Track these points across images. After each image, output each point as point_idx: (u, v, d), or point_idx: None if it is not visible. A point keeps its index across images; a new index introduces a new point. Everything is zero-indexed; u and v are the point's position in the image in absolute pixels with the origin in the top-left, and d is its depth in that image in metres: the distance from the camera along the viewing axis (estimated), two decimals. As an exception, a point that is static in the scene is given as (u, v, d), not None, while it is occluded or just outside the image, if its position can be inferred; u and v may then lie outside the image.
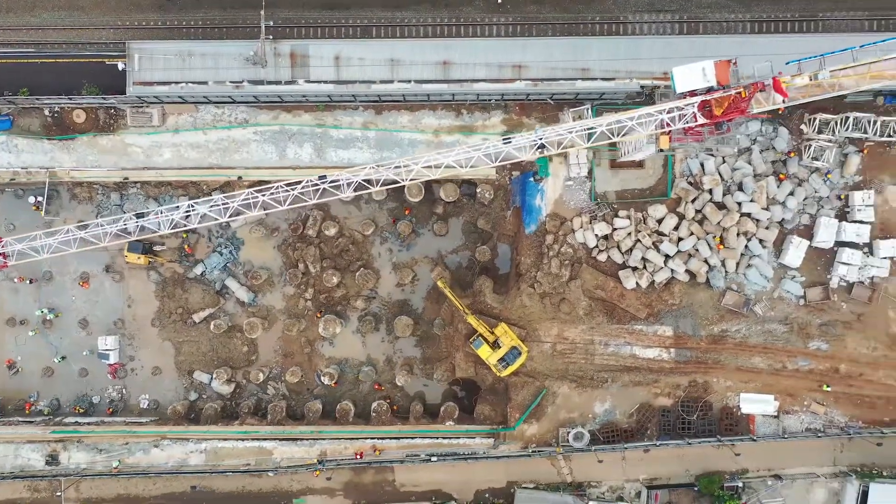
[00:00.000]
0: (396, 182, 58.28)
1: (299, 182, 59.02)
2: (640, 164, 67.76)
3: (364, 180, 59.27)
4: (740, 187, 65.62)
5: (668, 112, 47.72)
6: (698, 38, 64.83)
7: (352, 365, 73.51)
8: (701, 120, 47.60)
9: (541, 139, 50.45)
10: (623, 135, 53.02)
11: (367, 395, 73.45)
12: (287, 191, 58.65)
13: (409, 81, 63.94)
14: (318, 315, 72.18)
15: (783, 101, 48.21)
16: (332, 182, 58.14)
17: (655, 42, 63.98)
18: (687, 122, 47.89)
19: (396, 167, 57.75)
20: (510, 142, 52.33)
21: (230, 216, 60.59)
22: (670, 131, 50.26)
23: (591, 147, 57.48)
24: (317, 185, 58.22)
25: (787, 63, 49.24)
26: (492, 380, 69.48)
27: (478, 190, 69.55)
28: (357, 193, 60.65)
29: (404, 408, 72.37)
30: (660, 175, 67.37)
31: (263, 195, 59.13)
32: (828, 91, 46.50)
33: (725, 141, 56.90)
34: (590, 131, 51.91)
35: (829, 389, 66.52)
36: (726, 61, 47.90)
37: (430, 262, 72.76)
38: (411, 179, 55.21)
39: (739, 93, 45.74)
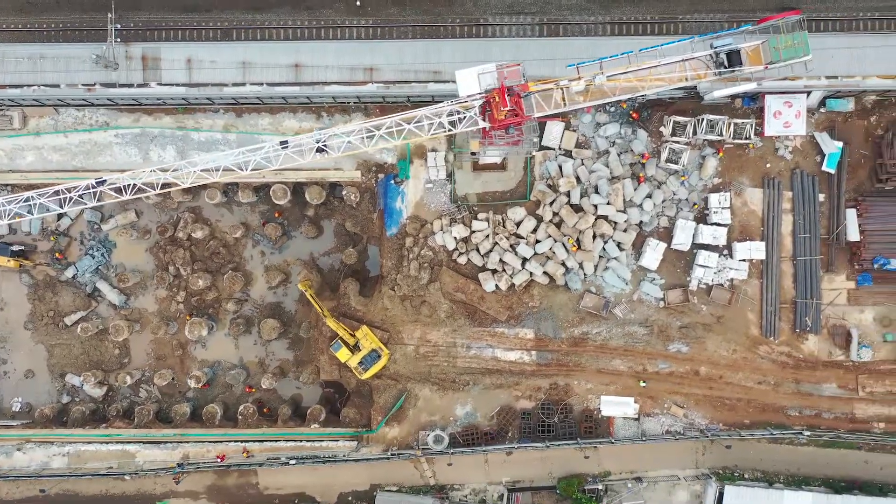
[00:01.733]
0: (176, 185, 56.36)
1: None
2: (502, 166, 67.24)
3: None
4: (597, 190, 65.03)
5: (449, 115, 46.86)
6: (549, 40, 63.54)
7: (224, 367, 72.80)
8: (483, 124, 46.78)
9: (319, 142, 49.56)
10: (403, 138, 50.91)
11: (240, 397, 72.69)
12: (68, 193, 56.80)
13: (262, 84, 63.22)
14: (188, 318, 71.51)
15: (564, 105, 46.59)
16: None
17: (506, 44, 63.16)
18: (471, 126, 47.07)
19: (165, 170, 55.70)
20: (287, 145, 50.67)
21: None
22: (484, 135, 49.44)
23: (383, 147, 54.53)
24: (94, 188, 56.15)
25: (567, 66, 48.59)
26: (356, 383, 68.69)
27: (343, 192, 69.00)
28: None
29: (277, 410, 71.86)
30: (521, 177, 66.79)
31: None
32: (608, 96, 45.77)
33: (522, 147, 56.03)
34: (369, 135, 50.54)
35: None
36: (514, 65, 47.08)
37: (303, 264, 72.17)
38: (192, 183, 53.11)
39: (494, 98, 44.68)
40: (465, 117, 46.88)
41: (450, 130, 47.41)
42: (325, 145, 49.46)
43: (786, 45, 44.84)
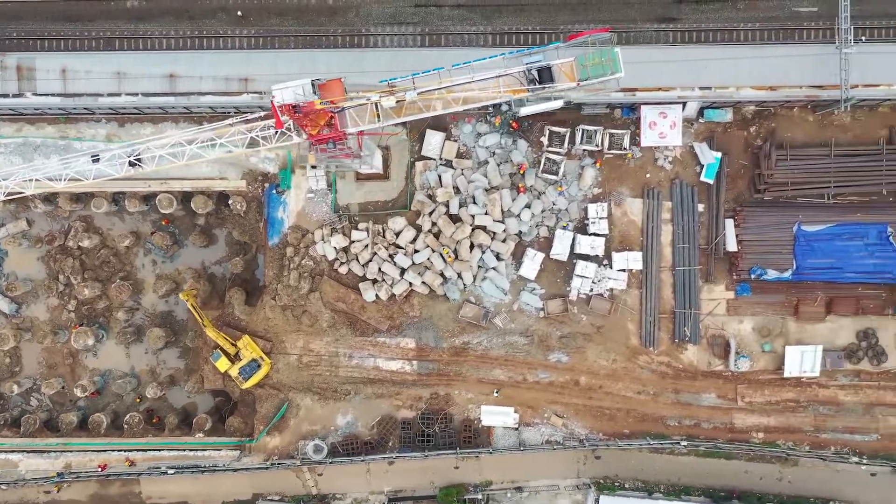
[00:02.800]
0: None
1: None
2: (385, 176, 66.89)
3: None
4: (475, 200, 64.64)
5: (263, 129, 46.21)
6: (429, 50, 63.63)
7: (115, 376, 72.37)
8: (297, 139, 46.20)
9: (131, 157, 48.94)
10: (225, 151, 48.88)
11: (130, 406, 72.34)
12: None
13: (137, 94, 62.92)
14: (75, 328, 71.10)
15: (379, 120, 45.50)
16: None
17: (382, 54, 62.86)
18: (287, 141, 46.39)
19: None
20: (98, 159, 49.24)
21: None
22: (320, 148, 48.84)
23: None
24: None
25: (380, 81, 48.26)
26: (240, 392, 68.35)
27: (230, 202, 68.60)
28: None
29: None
30: (403, 187, 66.47)
31: None
32: (423, 111, 45.26)
33: (359, 159, 55.29)
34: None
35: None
36: (337, 80, 46.64)
37: (193, 273, 71.74)
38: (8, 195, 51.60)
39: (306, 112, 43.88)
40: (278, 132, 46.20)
41: (264, 144, 46.92)
42: (137, 159, 48.69)
43: (594, 63, 44.41)
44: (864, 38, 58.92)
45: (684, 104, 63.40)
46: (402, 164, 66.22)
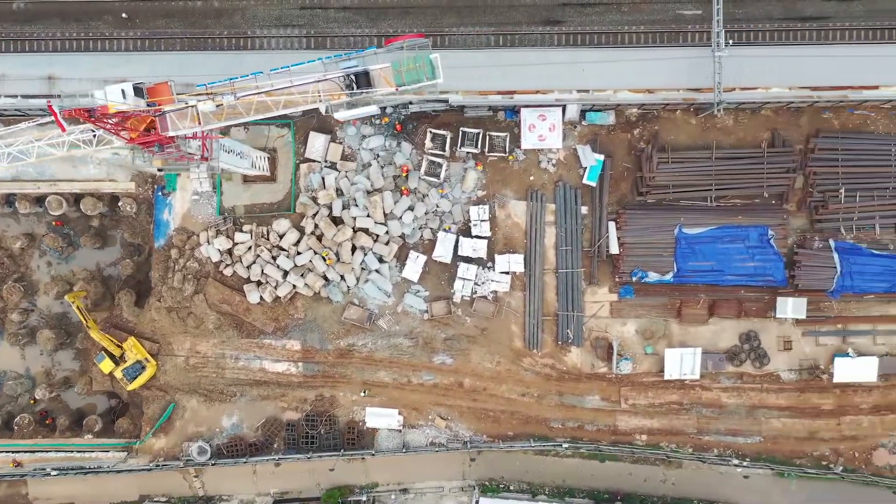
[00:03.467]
0: None
1: None
2: (272, 178, 66.67)
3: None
4: (356, 202, 64.45)
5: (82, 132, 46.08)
6: (315, 52, 63.15)
7: (9, 377, 72.07)
8: (119, 142, 45.96)
9: None
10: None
11: (25, 407, 71.97)
12: None
13: (16, 96, 62.82)
14: (-33, 328, 70.98)
15: (199, 124, 45.10)
16: None
17: (261, 57, 62.44)
18: (106, 144, 46.13)
19: None
20: None
21: None
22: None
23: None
24: None
25: (197, 85, 47.93)
26: (129, 394, 68.18)
27: (119, 203, 68.37)
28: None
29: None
30: (288, 189, 66.33)
31: None
32: (244, 115, 44.91)
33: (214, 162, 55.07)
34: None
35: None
36: (164, 83, 46.43)
37: (88, 274, 71.41)
38: None
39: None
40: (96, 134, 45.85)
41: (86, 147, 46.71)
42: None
43: (409, 68, 44.10)
44: (731, 41, 58.52)
45: (564, 107, 63.21)
46: (288, 167, 66.04)
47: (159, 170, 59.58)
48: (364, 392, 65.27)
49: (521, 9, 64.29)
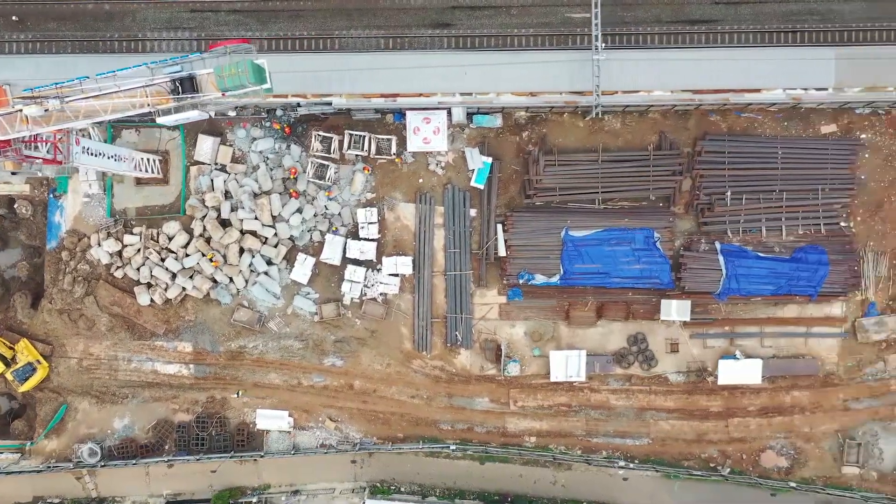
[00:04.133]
0: None
1: None
2: (164, 181, 66.60)
3: None
4: (242, 204, 64.41)
5: None
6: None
7: (-89, 379, 72.20)
8: None
9: None
10: None
11: (-75, 409, 72.20)
12: None
13: None
14: None
15: (28, 128, 44.97)
16: None
17: (150, 59, 62.45)
18: None
19: None
20: None
21: None
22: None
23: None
24: None
25: (23, 90, 47.96)
26: (23, 395, 68.16)
27: (15, 205, 68.37)
28: None
29: (-27, 422, 71.21)
30: (179, 191, 66.26)
31: None
32: (73, 119, 44.84)
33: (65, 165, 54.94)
34: None
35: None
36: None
37: (-11, 276, 71.55)
38: None
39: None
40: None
41: None
42: None
43: (230, 74, 44.02)
44: (606, 44, 58.56)
45: (449, 110, 63.18)
46: (180, 169, 66.00)
47: (13, 173, 59.56)
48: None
49: (411, 12, 64.14)
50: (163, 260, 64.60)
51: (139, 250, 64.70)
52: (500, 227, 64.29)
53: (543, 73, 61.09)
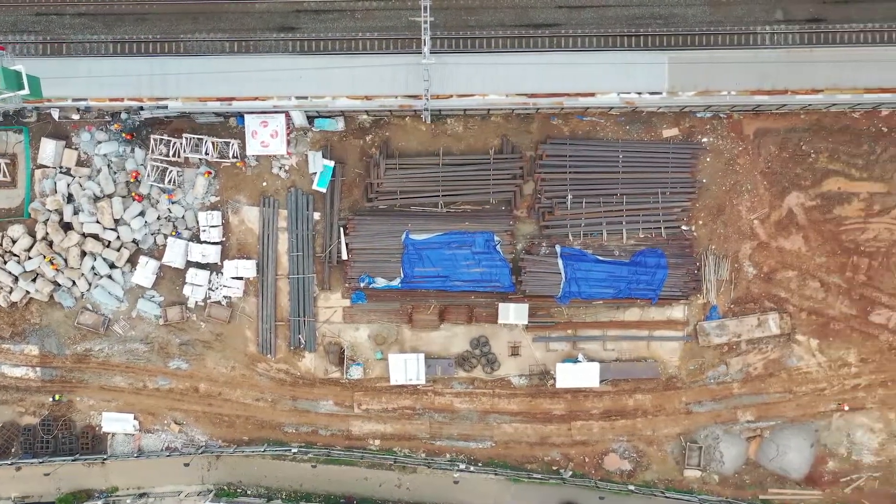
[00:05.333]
0: None
1: None
2: (13, 183, 66.26)
3: None
4: (83, 208, 64.06)
5: None
6: (56, 60, 62.64)
7: None
8: None
9: None
10: None
11: None
12: None
13: None
14: None
15: None
16: None
17: (-17, 62, 62.36)
18: None
19: None
20: None
21: None
22: None
23: None
24: None
25: None
26: None
27: None
28: None
29: None
30: (24, 195, 65.96)
31: None
32: None
33: None
34: None
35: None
36: None
37: None
38: None
39: None
40: None
41: None
42: None
43: None
44: (428, 49, 58.10)
45: (287, 113, 62.84)
46: (26, 172, 65.66)
47: None
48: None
49: (256, 15, 63.63)
50: (6, 262, 64.20)
51: (-18, 254, 64.35)
52: (342, 230, 63.92)
53: (378, 77, 60.67)
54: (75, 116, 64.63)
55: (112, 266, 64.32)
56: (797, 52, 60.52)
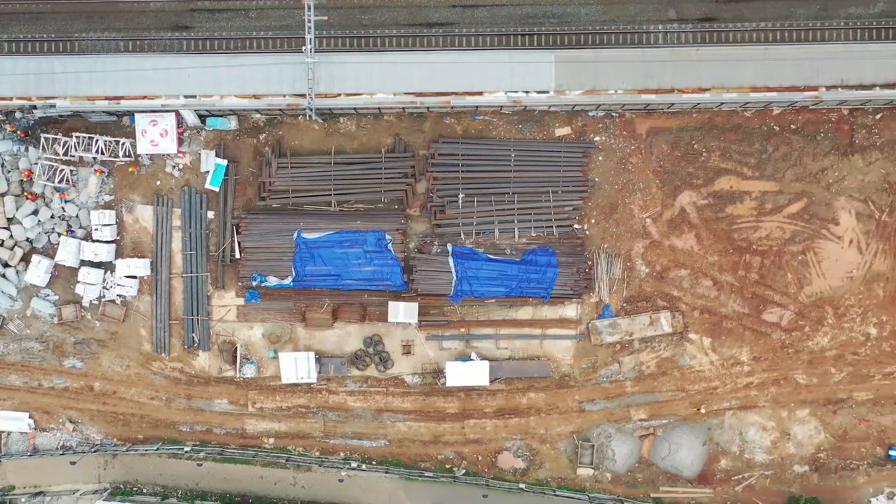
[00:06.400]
0: None
1: None
2: (-90, 184, 66.12)
3: None
4: (-22, 206, 63.90)
5: None
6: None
7: None
8: None
9: None
10: None
11: None
12: None
13: None
14: None
15: None
16: None
17: None
18: None
19: None
20: None
21: None
22: None
23: None
24: None
25: None
26: None
27: None
28: None
29: None
30: (-79, 194, 65.69)
31: None
32: None
33: None
34: None
35: None
36: None
37: None
38: None
39: None
40: None
41: None
42: None
43: None
44: (312, 48, 57.87)
45: (177, 112, 62.54)
46: None
47: None
48: None
49: (151, 14, 63.26)
50: None
51: None
52: (235, 229, 63.68)
53: (266, 76, 60.44)
54: (-33, 116, 64.30)
55: (5, 265, 64.03)
56: (683, 50, 60.27)
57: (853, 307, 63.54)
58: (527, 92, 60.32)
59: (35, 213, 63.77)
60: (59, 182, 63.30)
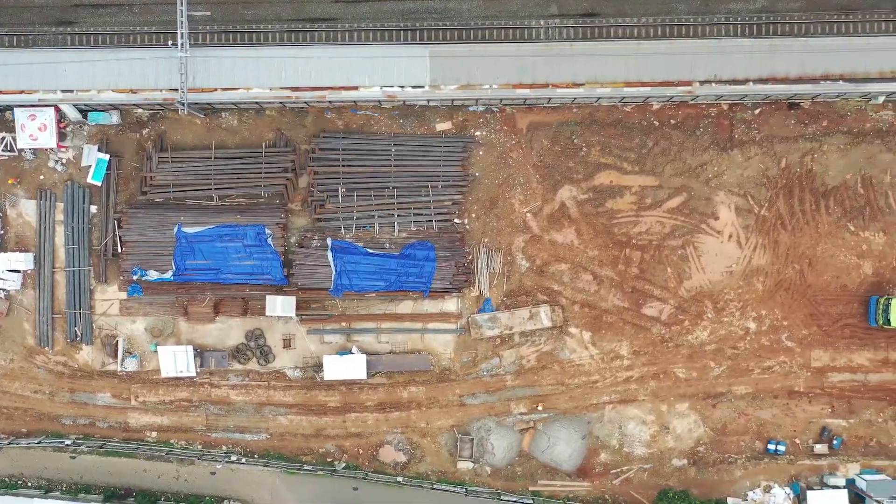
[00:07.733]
0: None
1: None
2: None
3: None
4: None
5: None
6: None
7: None
8: None
9: None
10: None
11: None
12: None
13: None
14: None
15: None
16: None
17: None
18: None
19: None
20: None
21: None
22: None
23: None
24: None
25: None
26: None
27: None
28: None
29: None
30: None
31: None
32: None
33: None
34: None
35: None
36: None
37: None
38: None
39: None
40: None
41: None
42: None
43: None
44: (186, 42, 57.76)
45: (56, 106, 62.45)
46: None
47: None
48: None
49: (35, 9, 63.21)
50: None
51: None
52: (116, 223, 63.58)
53: (142, 71, 60.30)
54: None
55: None
56: (557, 46, 60.23)
57: (732, 301, 63.46)
58: (402, 87, 60.17)
59: None
60: (-64, 176, 63.08)
